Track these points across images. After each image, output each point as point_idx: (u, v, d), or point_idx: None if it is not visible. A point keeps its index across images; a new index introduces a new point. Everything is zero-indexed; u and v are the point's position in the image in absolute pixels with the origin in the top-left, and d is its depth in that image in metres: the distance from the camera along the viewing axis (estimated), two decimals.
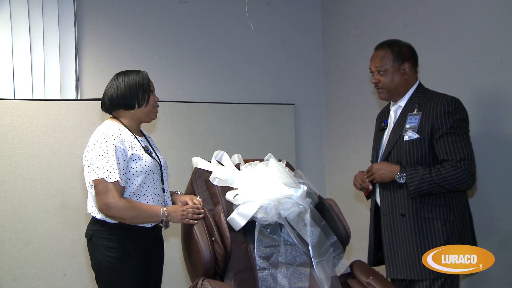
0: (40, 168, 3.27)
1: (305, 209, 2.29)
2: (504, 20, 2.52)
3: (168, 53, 3.90)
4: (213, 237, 2.15)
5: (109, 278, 2.17)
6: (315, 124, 4.35)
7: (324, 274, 2.19)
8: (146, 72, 2.32)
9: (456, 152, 2.17)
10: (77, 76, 3.56)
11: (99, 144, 2.10)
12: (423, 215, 2.23)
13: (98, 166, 2.06)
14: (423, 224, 2.23)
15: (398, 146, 2.32)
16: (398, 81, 2.38)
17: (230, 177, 2.35)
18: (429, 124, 2.24)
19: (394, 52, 2.39)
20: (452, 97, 2.26)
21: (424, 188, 2.18)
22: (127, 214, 2.09)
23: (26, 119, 3.25)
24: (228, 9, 4.08)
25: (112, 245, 2.13)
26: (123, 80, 2.24)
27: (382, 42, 2.47)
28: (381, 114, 2.63)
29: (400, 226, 2.27)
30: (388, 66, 2.38)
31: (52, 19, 3.49)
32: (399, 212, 2.28)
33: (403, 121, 2.35)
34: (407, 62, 2.38)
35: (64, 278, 3.30)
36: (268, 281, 2.15)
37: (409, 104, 2.37)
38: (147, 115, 2.30)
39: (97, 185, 2.06)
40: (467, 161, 2.16)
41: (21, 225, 3.21)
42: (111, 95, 2.23)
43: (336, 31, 4.21)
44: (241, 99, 4.04)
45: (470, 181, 2.18)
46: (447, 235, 2.20)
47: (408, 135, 2.29)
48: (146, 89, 2.26)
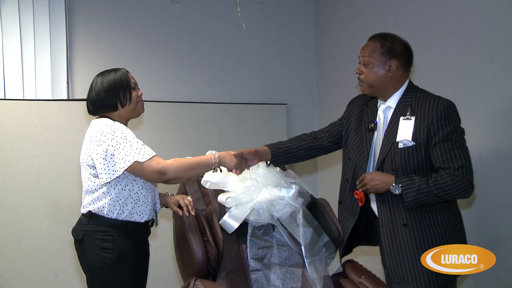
0: (31, 168, 3.26)
1: (297, 210, 2.29)
2: (496, 20, 2.53)
3: (160, 53, 3.89)
4: (205, 237, 2.15)
5: (103, 279, 2.13)
6: (307, 124, 4.35)
7: (316, 274, 2.19)
8: (124, 69, 2.26)
9: (453, 160, 2.07)
10: (69, 76, 3.55)
11: (115, 134, 2.06)
12: (426, 223, 2.14)
13: (126, 154, 2.03)
14: (427, 232, 2.14)
15: (392, 154, 2.19)
16: (381, 77, 2.24)
17: (221, 180, 2.34)
18: (425, 130, 2.12)
19: (383, 46, 2.24)
20: (447, 100, 2.14)
21: (421, 199, 2.08)
22: (181, 170, 2.10)
23: (17, 119, 3.23)
24: (220, 9, 4.08)
25: (107, 245, 2.10)
26: (101, 82, 2.19)
27: (378, 33, 2.33)
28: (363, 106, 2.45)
29: (403, 236, 2.16)
30: (374, 59, 2.24)
31: (43, 18, 3.47)
32: (400, 222, 2.16)
33: (395, 126, 2.21)
34: (396, 59, 2.23)
35: (56, 279, 3.29)
36: (262, 282, 2.15)
37: (401, 106, 2.23)
38: (134, 111, 2.26)
39: (135, 168, 2.04)
40: (464, 169, 2.06)
41: (12, 225, 3.19)
42: (92, 98, 2.19)
43: (328, 31, 4.21)
44: (233, 99, 4.04)
45: (468, 189, 2.09)
46: (449, 240, 2.13)
47: (403, 142, 2.16)
48: (126, 86, 2.20)
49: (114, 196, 2.11)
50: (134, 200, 2.15)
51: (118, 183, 2.11)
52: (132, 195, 2.15)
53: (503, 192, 2.50)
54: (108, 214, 2.11)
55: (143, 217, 2.20)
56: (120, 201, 2.12)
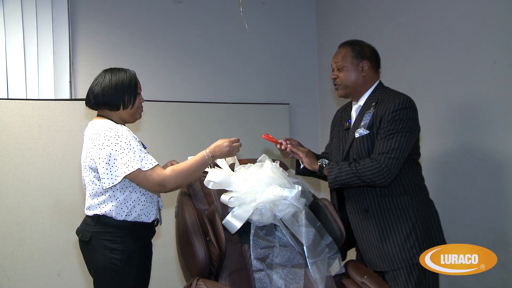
0: (34, 168, 3.26)
1: (300, 210, 2.29)
2: (498, 20, 2.53)
3: (162, 53, 3.90)
4: (208, 237, 2.15)
5: (112, 281, 2.10)
6: (309, 124, 4.36)
7: (319, 274, 2.18)
8: (134, 72, 2.25)
9: (382, 146, 2.20)
10: (71, 76, 3.55)
11: (119, 139, 2.03)
12: (385, 206, 2.27)
13: (129, 159, 2.01)
14: (386, 216, 2.26)
15: (354, 144, 2.36)
16: (355, 78, 2.42)
17: (224, 180, 2.34)
18: (378, 120, 2.27)
19: (354, 50, 2.43)
20: (405, 96, 2.28)
21: (341, 177, 2.24)
22: (180, 178, 2.12)
23: (20, 118, 3.24)
24: (223, 9, 4.08)
25: (115, 246, 2.08)
26: (110, 78, 2.16)
27: (346, 40, 2.53)
28: (342, 112, 2.64)
29: (365, 221, 2.32)
30: (347, 63, 2.43)
31: (46, 18, 3.48)
32: (362, 208, 2.33)
33: (360, 120, 2.38)
34: (367, 61, 2.42)
35: (59, 278, 3.29)
36: (264, 282, 2.15)
37: (367, 103, 2.39)
38: (132, 116, 2.25)
39: (137, 176, 2.04)
40: (387, 155, 2.17)
41: (15, 225, 3.20)
42: (96, 92, 2.16)
43: (331, 31, 4.21)
44: (235, 99, 4.04)
45: (385, 175, 2.16)
46: (411, 222, 2.23)
47: (359, 132, 2.33)
48: (133, 90, 2.20)
49: (122, 199, 2.11)
50: (142, 202, 2.16)
51: (126, 188, 2.11)
52: (140, 198, 2.15)
53: (505, 191, 2.49)
54: (116, 217, 2.10)
55: (151, 217, 2.21)
56: (129, 204, 2.12)
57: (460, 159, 2.73)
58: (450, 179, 2.79)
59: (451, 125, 2.79)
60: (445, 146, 2.81)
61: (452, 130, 2.79)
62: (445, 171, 2.81)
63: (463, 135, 2.71)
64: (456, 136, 2.76)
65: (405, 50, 3.15)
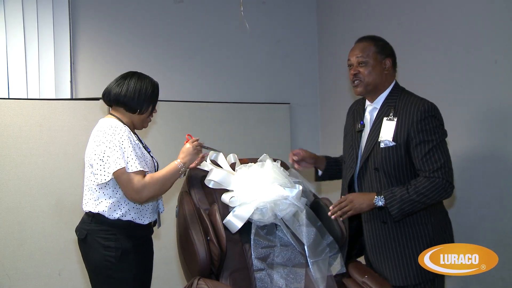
0: (35, 167, 3.26)
1: (301, 209, 2.29)
2: (499, 20, 2.53)
3: (163, 53, 3.90)
4: (209, 236, 2.15)
5: (107, 278, 2.14)
6: (310, 124, 4.36)
7: (319, 274, 2.19)
8: (157, 83, 2.34)
9: (431, 162, 2.09)
10: (72, 75, 3.55)
11: (113, 136, 2.09)
12: (404, 221, 2.17)
13: (118, 157, 2.05)
14: (405, 230, 2.17)
15: (375, 153, 2.23)
16: (378, 76, 2.27)
17: (225, 179, 2.34)
18: (405, 131, 2.15)
19: (377, 46, 2.29)
20: (429, 102, 2.18)
21: (406, 209, 2.08)
22: (156, 188, 2.12)
23: (21, 118, 3.24)
24: (223, 8, 4.08)
25: (110, 244, 2.12)
26: (135, 82, 2.23)
27: (365, 36, 2.37)
28: (355, 111, 2.49)
29: (382, 233, 2.22)
30: (370, 58, 2.27)
31: (47, 18, 3.48)
32: (380, 219, 2.22)
33: (379, 126, 2.26)
34: (389, 58, 2.30)
35: (60, 278, 3.29)
36: (266, 281, 2.15)
37: (385, 107, 2.27)
38: (142, 123, 2.32)
39: (120, 176, 2.06)
40: (443, 170, 2.08)
41: (16, 224, 3.20)
42: (119, 92, 2.21)
43: (331, 30, 4.21)
44: (236, 99, 4.04)
45: (448, 190, 2.10)
46: (429, 239, 2.15)
47: (384, 142, 2.20)
48: (153, 100, 2.30)
49: (116, 201, 2.14)
50: (136, 205, 2.19)
51: (119, 188, 2.14)
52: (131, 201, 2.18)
53: (506, 191, 2.49)
54: (110, 216, 2.14)
55: (145, 221, 2.23)
56: (122, 206, 2.15)
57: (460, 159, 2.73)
58: None
59: (451, 125, 2.79)
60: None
61: (451, 130, 2.79)
62: None
63: (463, 135, 2.71)
64: (456, 136, 2.76)
65: (406, 50, 3.14)
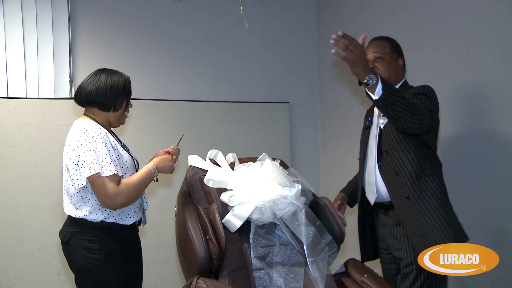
0: (34, 166, 3.26)
1: (300, 209, 2.29)
2: (498, 19, 2.53)
3: (162, 52, 3.89)
4: (208, 235, 2.15)
5: (91, 280, 2.11)
6: (310, 123, 4.36)
7: (318, 273, 2.19)
8: (128, 77, 2.27)
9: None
10: (71, 74, 3.55)
11: (87, 140, 2.04)
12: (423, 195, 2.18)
13: (92, 161, 2.01)
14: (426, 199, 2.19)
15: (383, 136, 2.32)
16: (392, 72, 2.37)
17: (224, 178, 2.34)
18: None
19: (393, 44, 2.43)
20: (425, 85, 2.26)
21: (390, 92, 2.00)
22: (131, 195, 2.09)
23: (20, 117, 3.24)
24: (223, 7, 4.08)
25: (94, 246, 2.08)
26: (105, 79, 2.17)
27: (380, 35, 2.48)
28: (368, 111, 2.62)
29: (407, 206, 2.21)
30: (387, 55, 2.38)
31: (46, 17, 3.48)
32: (404, 195, 2.21)
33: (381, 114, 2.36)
34: (401, 58, 2.44)
35: (59, 277, 3.29)
36: (265, 280, 2.15)
37: None
38: (118, 120, 2.26)
39: (94, 181, 2.02)
40: (423, 111, 2.09)
41: (15, 223, 3.20)
42: (90, 91, 2.15)
43: (331, 29, 4.20)
44: (235, 98, 4.04)
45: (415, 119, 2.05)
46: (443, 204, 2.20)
47: (380, 122, 2.32)
48: (126, 95, 2.23)
49: (95, 203, 2.11)
50: None
51: None
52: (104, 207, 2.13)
53: (506, 190, 2.49)
54: (92, 220, 2.10)
55: (129, 221, 2.20)
56: (102, 208, 2.11)
57: (459, 159, 2.73)
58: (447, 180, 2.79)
59: (451, 125, 2.79)
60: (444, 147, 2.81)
61: (451, 130, 2.79)
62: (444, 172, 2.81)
63: (463, 135, 2.71)
64: (455, 137, 2.76)
65: (405, 50, 3.14)
